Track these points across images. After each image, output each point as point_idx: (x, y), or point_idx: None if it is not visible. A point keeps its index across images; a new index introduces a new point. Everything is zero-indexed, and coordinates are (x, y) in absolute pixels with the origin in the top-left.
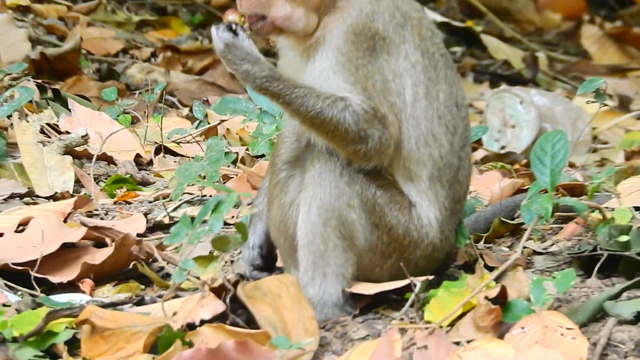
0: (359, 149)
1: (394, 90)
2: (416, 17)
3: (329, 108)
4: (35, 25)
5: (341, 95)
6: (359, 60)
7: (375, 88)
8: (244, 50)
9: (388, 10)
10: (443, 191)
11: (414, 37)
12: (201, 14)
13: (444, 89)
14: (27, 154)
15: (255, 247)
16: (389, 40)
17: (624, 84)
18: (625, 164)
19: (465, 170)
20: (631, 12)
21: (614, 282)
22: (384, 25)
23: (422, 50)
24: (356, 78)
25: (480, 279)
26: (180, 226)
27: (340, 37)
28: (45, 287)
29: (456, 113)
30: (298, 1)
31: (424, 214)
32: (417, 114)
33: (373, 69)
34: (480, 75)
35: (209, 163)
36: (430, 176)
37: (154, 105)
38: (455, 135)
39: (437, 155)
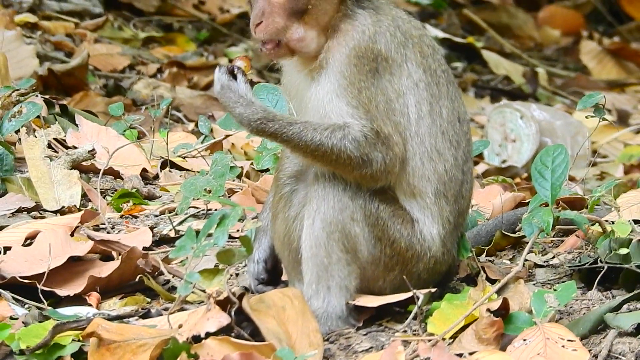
0: (365, 173)
1: (398, 109)
2: (417, 34)
3: (327, 139)
4: (43, 41)
5: (341, 121)
6: (362, 82)
7: (378, 109)
8: (237, 94)
9: (389, 30)
10: (448, 206)
11: (416, 55)
12: (206, 30)
13: (446, 104)
14: (35, 168)
15: (260, 261)
16: (392, 61)
17: (623, 99)
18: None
19: (468, 184)
20: (629, 28)
21: (614, 295)
22: (386, 45)
23: (424, 68)
24: (359, 101)
25: (482, 292)
26: (185, 240)
27: (343, 60)
28: (52, 300)
29: (458, 128)
30: (311, 23)
31: (426, 230)
32: (421, 131)
33: (376, 90)
34: (481, 90)
35: (214, 177)
36: (435, 191)
37: (160, 121)
38: (459, 150)
39: (442, 170)
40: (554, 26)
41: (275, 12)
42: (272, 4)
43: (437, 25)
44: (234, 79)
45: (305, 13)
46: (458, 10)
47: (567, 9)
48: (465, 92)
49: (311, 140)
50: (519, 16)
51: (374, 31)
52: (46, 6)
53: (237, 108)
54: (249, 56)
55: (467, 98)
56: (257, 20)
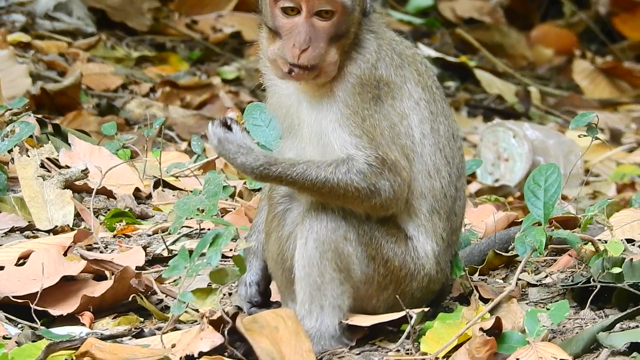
0: (375, 203)
1: (403, 132)
2: (410, 54)
3: (332, 175)
4: (36, 61)
5: (345, 153)
6: (365, 110)
7: (383, 136)
8: (236, 144)
9: (387, 54)
10: (441, 222)
11: (413, 74)
12: (199, 50)
13: (442, 121)
14: (28, 188)
15: (253, 284)
16: (393, 84)
17: (615, 118)
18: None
19: (461, 200)
20: (622, 47)
21: (607, 314)
22: (386, 70)
23: (422, 86)
24: (362, 129)
25: (475, 311)
26: (178, 259)
27: (348, 89)
28: (46, 320)
29: (453, 144)
30: (340, 48)
31: (420, 247)
32: (425, 150)
33: (380, 117)
34: (474, 110)
35: (207, 197)
36: (429, 208)
37: (153, 140)
38: (453, 166)
39: (438, 187)
40: (546, 45)
41: (320, 38)
42: (317, 30)
43: (430, 44)
44: (229, 130)
45: (342, 37)
46: (451, 30)
47: (559, 28)
48: (458, 111)
49: (316, 179)
50: (511, 35)
51: (376, 58)
52: (39, 25)
53: (238, 158)
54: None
55: (460, 117)
56: (304, 46)
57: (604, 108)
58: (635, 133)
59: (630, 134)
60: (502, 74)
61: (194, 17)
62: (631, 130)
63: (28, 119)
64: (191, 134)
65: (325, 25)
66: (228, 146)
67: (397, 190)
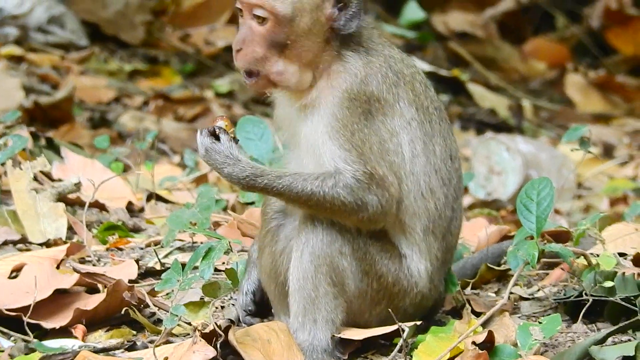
0: (362, 217)
1: (392, 149)
2: (409, 73)
3: (318, 188)
4: (29, 74)
5: (333, 167)
6: (355, 125)
7: (372, 151)
8: (223, 154)
9: (381, 71)
10: (436, 243)
11: (408, 94)
12: (192, 63)
13: (439, 142)
14: (21, 201)
15: (249, 293)
16: (384, 101)
17: (608, 132)
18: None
19: (457, 221)
20: (614, 61)
21: (599, 327)
22: (377, 86)
23: (416, 106)
24: (352, 143)
25: (467, 324)
26: (171, 272)
27: (336, 102)
28: (38, 333)
29: (450, 165)
30: (292, 58)
31: (414, 266)
32: (416, 169)
33: (369, 132)
34: (466, 123)
35: (200, 210)
36: (424, 228)
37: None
38: (450, 187)
39: (432, 208)
40: (539, 59)
41: (256, 42)
42: (253, 33)
43: (422, 58)
44: (217, 139)
45: (285, 47)
46: (444, 44)
47: (552, 41)
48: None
49: (302, 191)
50: (504, 49)
51: (365, 73)
52: (32, 39)
53: (225, 168)
54: (227, 116)
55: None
56: (237, 47)
57: (596, 122)
58: (628, 147)
59: (623, 147)
60: (495, 88)
61: (187, 30)
62: (624, 144)
63: (21, 132)
64: (184, 147)
65: (261, 30)
66: (215, 156)
67: (385, 205)
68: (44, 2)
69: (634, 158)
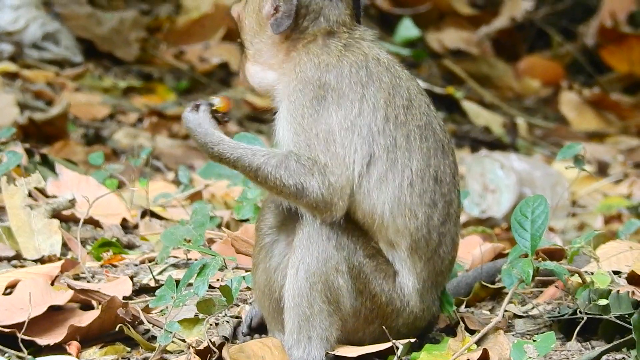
0: (305, 202)
1: (340, 142)
2: (389, 81)
3: (264, 165)
4: (24, 90)
5: (285, 149)
6: (306, 109)
7: (318, 138)
8: (194, 122)
9: (353, 66)
10: (420, 263)
11: (377, 100)
12: (186, 80)
13: (417, 159)
14: (15, 217)
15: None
16: (342, 94)
17: (602, 149)
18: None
19: (447, 246)
20: (609, 79)
21: (593, 345)
22: (337, 78)
23: (385, 114)
24: (301, 127)
25: (461, 342)
26: (165, 289)
27: (292, 85)
28: (33, 349)
29: (433, 186)
30: (256, 59)
31: (404, 282)
32: (376, 173)
33: (319, 118)
34: (460, 141)
35: (195, 227)
36: (409, 247)
37: (140, 170)
38: (434, 210)
39: (412, 227)
40: (533, 77)
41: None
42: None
43: (417, 75)
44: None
45: (243, 49)
46: (438, 61)
47: (546, 59)
48: None
49: (249, 165)
50: (498, 67)
51: (328, 62)
52: (27, 55)
53: (194, 134)
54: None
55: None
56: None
57: (590, 140)
58: (622, 165)
59: (617, 165)
60: (489, 105)
61: (181, 47)
62: (618, 162)
63: (15, 149)
64: (178, 164)
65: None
66: (188, 124)
67: (326, 193)
68: (38, 18)
69: (628, 176)
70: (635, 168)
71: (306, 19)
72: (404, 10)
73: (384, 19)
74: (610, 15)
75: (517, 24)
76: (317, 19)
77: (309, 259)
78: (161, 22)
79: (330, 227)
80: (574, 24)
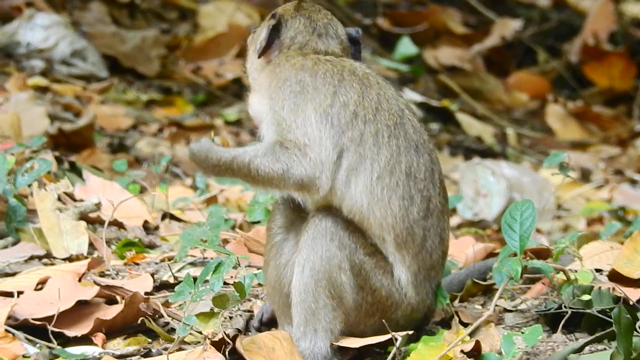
0: (293, 182)
1: (315, 126)
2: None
3: (254, 157)
4: (54, 103)
5: (268, 140)
6: (285, 101)
7: (296, 123)
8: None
9: (328, 71)
10: (409, 257)
11: (348, 98)
12: (203, 93)
13: (385, 154)
14: (46, 219)
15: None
16: (316, 88)
17: (585, 158)
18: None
19: (433, 240)
20: (591, 93)
21: (577, 337)
22: (312, 76)
23: (355, 111)
24: (282, 117)
25: (456, 334)
26: (184, 285)
27: (272, 85)
28: (62, 340)
29: (406, 182)
30: (254, 88)
31: (396, 273)
32: (346, 165)
33: (296, 108)
34: (455, 149)
35: (210, 228)
36: (394, 241)
37: (161, 176)
38: (412, 204)
39: (391, 220)
40: (522, 91)
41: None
42: None
43: (414, 89)
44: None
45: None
46: (434, 76)
47: (534, 75)
48: (440, 151)
49: (242, 162)
50: (489, 81)
51: (303, 64)
52: (56, 71)
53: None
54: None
55: (442, 156)
56: None
57: (574, 148)
58: (604, 172)
59: (599, 172)
60: (481, 117)
61: (198, 63)
62: (599, 169)
63: (46, 156)
64: (195, 171)
65: None
66: (192, 149)
67: (309, 168)
68: (67, 37)
69: (609, 182)
70: (615, 175)
71: (291, 48)
72: (403, 29)
73: (384, 38)
74: (593, 34)
75: (507, 43)
76: (302, 48)
77: (313, 258)
78: (180, 41)
79: (333, 228)
80: (559, 42)
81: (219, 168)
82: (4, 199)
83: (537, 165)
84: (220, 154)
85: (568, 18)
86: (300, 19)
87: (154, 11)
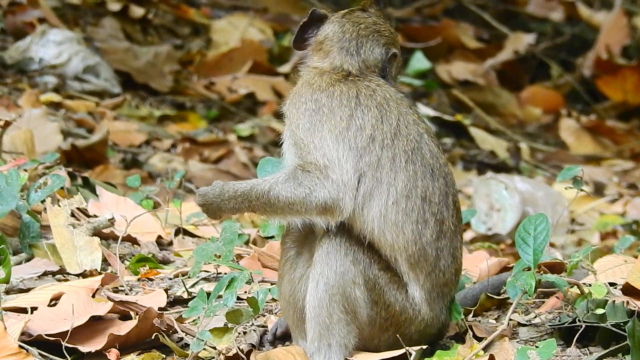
0: (316, 205)
1: (333, 147)
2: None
3: (274, 185)
4: (67, 119)
5: (288, 165)
6: (300, 121)
7: (314, 144)
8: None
9: (343, 93)
10: (422, 276)
11: (364, 122)
12: (216, 109)
13: (403, 179)
14: (59, 235)
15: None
16: (332, 109)
17: (599, 172)
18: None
19: (446, 260)
20: (604, 107)
21: (591, 351)
22: (329, 97)
23: (372, 135)
24: (299, 138)
25: (470, 349)
26: (197, 301)
27: (290, 105)
28: (75, 356)
29: (421, 205)
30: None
31: (410, 291)
32: (362, 190)
33: (313, 127)
34: (468, 164)
35: (224, 243)
36: (407, 262)
37: (174, 192)
38: (426, 227)
39: (402, 243)
40: (535, 105)
41: None
42: None
43: (428, 104)
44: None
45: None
46: (447, 91)
47: (547, 89)
48: (454, 166)
49: (261, 191)
50: (503, 96)
51: (319, 85)
52: (69, 86)
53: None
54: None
55: (456, 171)
56: None
57: (588, 162)
58: (617, 185)
59: (613, 186)
60: (495, 131)
61: (212, 79)
62: (613, 183)
63: (59, 172)
64: None
65: None
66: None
67: (331, 190)
68: (80, 53)
69: (622, 196)
70: (629, 188)
71: (318, 54)
72: (416, 44)
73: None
74: (606, 48)
75: (520, 57)
76: (324, 58)
77: (328, 273)
78: (193, 56)
79: (347, 243)
80: (572, 56)
81: (234, 201)
82: (17, 215)
83: (551, 179)
84: (237, 185)
85: (581, 32)
86: (336, 26)
87: (166, 27)
